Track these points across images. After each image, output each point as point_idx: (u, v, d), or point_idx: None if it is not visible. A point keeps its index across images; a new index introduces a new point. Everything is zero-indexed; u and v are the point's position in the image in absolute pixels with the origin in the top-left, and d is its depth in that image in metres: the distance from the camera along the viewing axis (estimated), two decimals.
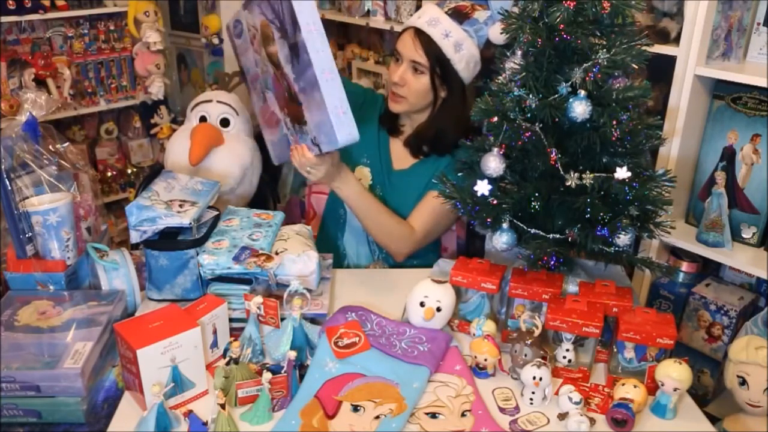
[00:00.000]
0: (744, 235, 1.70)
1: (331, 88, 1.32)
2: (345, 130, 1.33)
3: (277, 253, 1.38)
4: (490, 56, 1.62)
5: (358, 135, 1.35)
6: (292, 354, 1.17)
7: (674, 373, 1.15)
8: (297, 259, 1.38)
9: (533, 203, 1.31)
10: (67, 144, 1.48)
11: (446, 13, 1.67)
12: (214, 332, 1.26)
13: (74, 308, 1.31)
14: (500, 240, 1.33)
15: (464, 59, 1.67)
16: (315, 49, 1.31)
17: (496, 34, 1.62)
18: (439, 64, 1.66)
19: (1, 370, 1.13)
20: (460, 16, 1.68)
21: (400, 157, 1.82)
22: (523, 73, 1.29)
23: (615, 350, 1.26)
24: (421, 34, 1.65)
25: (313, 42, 1.31)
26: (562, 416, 1.14)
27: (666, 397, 1.17)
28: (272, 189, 2.09)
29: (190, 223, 1.38)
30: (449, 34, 1.65)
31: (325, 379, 1.20)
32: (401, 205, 1.75)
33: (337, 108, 1.33)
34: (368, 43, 3.07)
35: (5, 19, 2.69)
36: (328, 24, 1.82)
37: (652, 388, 1.20)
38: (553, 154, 1.28)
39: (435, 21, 1.65)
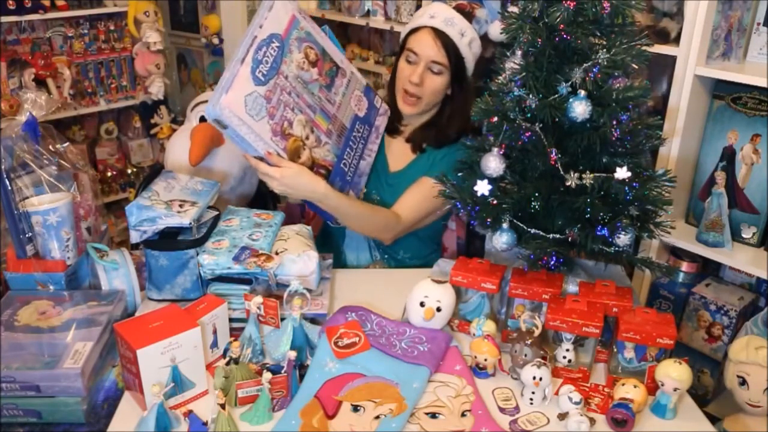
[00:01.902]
0: (744, 235, 1.70)
1: (229, 67, 1.42)
2: (210, 102, 1.39)
3: (277, 253, 1.38)
4: (490, 56, 1.63)
5: (213, 112, 1.38)
6: (292, 354, 1.17)
7: (674, 373, 1.15)
8: (297, 259, 1.38)
9: (533, 203, 1.31)
10: (67, 144, 1.48)
11: (455, 10, 1.70)
12: (214, 332, 1.26)
13: (74, 308, 1.31)
14: (500, 240, 1.33)
15: (474, 57, 1.72)
16: (245, 34, 1.48)
17: (496, 31, 1.67)
18: (456, 63, 1.69)
19: (1, 370, 1.13)
20: (465, 15, 1.71)
21: (397, 157, 1.82)
22: (523, 73, 1.29)
23: (615, 350, 1.26)
24: (440, 34, 1.66)
25: (246, 32, 1.48)
26: (562, 416, 1.14)
27: (666, 397, 1.17)
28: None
29: (190, 223, 1.38)
30: (464, 33, 1.68)
31: (325, 379, 1.20)
32: None
33: (220, 83, 1.41)
34: (368, 43, 3.07)
35: (5, 19, 2.69)
36: (328, 24, 1.82)
37: (652, 388, 1.20)
38: (553, 154, 1.28)
39: (450, 21, 1.67)
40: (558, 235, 1.33)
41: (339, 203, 1.57)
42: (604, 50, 1.24)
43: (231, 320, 1.32)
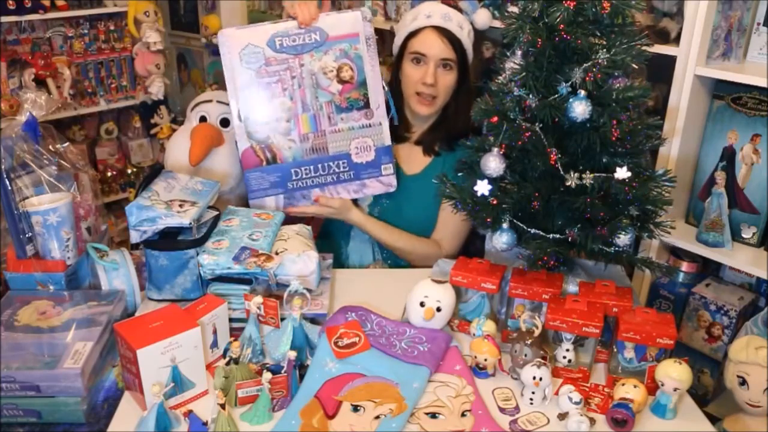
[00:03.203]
0: (744, 235, 1.70)
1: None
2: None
3: (277, 253, 1.38)
4: (491, 56, 1.63)
5: (219, 33, 1.60)
6: (292, 354, 1.17)
7: (674, 373, 1.15)
8: (297, 259, 1.38)
9: (533, 203, 1.31)
10: (67, 144, 1.48)
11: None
12: (214, 332, 1.26)
13: (74, 308, 1.31)
14: (500, 240, 1.33)
15: (471, 45, 1.74)
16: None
17: (481, 19, 1.72)
18: (462, 55, 1.71)
19: (1, 370, 1.13)
20: (454, 8, 1.74)
21: (410, 160, 1.82)
22: (523, 73, 1.29)
23: (615, 350, 1.26)
24: (443, 31, 1.67)
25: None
26: (562, 416, 1.14)
27: (666, 397, 1.17)
28: None
29: (190, 223, 1.38)
30: (462, 25, 1.71)
31: (325, 379, 1.20)
32: (421, 210, 1.75)
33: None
34: None
35: (5, 19, 2.69)
36: None
37: (652, 388, 1.20)
38: (553, 154, 1.28)
39: (447, 16, 1.69)
40: (558, 235, 1.33)
41: (373, 229, 1.73)
42: (604, 50, 1.24)
43: (231, 320, 1.32)
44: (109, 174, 3.30)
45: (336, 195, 1.70)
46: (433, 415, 1.15)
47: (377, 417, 1.13)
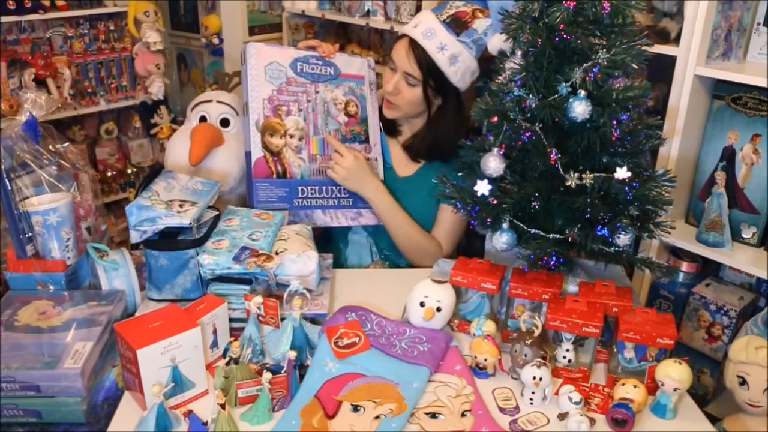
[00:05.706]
0: (744, 235, 1.70)
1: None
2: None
3: (277, 253, 1.38)
4: (490, 56, 1.62)
5: (246, 46, 1.65)
6: (292, 354, 1.17)
7: (674, 373, 1.15)
8: (297, 259, 1.38)
9: (533, 203, 1.31)
10: (67, 144, 1.48)
11: (444, 21, 1.64)
12: (214, 332, 1.26)
13: (74, 308, 1.31)
14: (500, 240, 1.33)
15: (460, 71, 1.67)
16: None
17: (494, 45, 1.57)
18: (432, 76, 1.66)
19: (1, 370, 1.13)
20: (458, 25, 1.65)
21: (402, 162, 1.82)
22: (523, 73, 1.29)
23: (615, 350, 1.26)
24: (415, 47, 1.64)
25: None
26: (562, 416, 1.14)
27: (666, 397, 1.17)
28: None
29: (190, 223, 1.38)
30: (445, 48, 1.63)
31: (325, 379, 1.20)
32: (414, 210, 1.75)
33: None
34: (368, 43, 3.07)
35: (5, 19, 2.69)
36: (328, 24, 1.85)
37: (652, 388, 1.20)
38: (553, 154, 1.28)
39: (431, 32, 1.63)
40: (558, 235, 1.33)
41: (390, 207, 1.69)
42: (604, 50, 1.24)
43: (231, 320, 1.32)
44: (109, 174, 3.29)
45: (335, 220, 1.72)
46: (433, 415, 1.15)
47: (377, 417, 1.13)
